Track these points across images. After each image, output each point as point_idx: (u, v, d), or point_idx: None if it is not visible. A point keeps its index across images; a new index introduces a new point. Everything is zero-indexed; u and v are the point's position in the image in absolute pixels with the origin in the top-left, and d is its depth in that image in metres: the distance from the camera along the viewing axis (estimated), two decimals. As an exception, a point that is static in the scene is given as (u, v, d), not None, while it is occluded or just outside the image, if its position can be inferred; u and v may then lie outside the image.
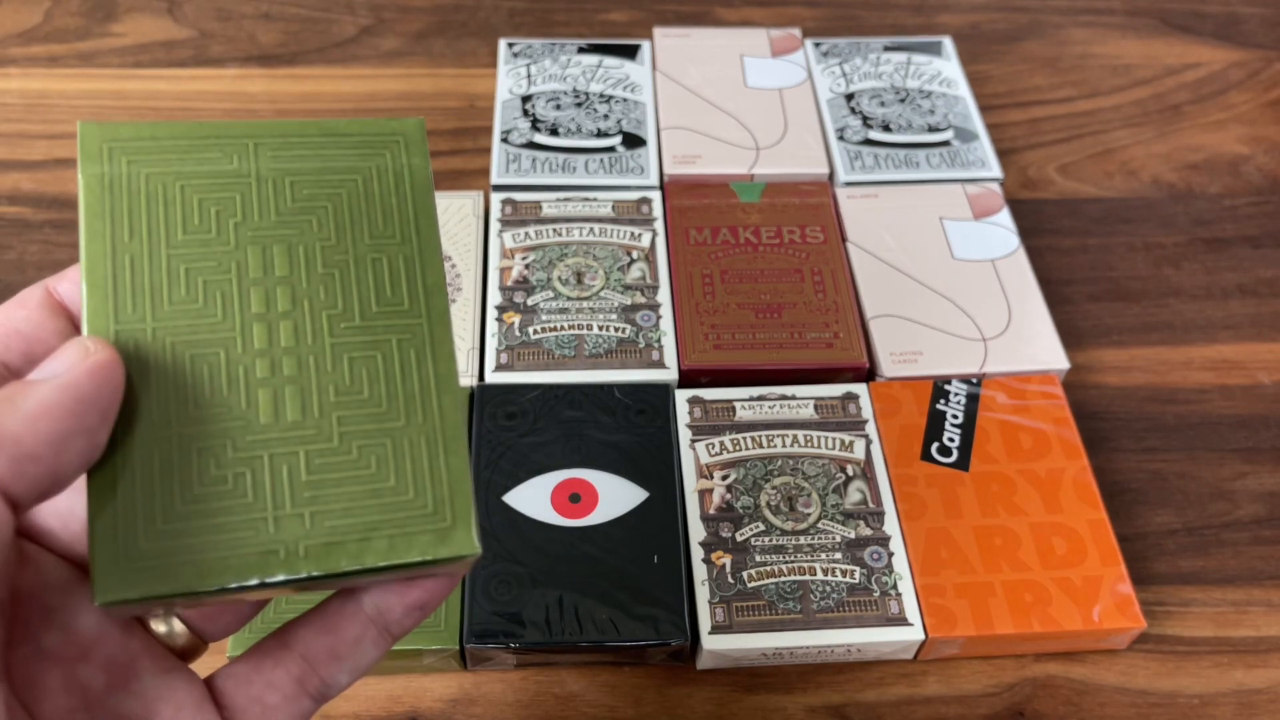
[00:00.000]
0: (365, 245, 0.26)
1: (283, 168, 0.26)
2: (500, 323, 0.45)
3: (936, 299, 0.47)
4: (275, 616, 0.38)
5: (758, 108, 0.54)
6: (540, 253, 0.48)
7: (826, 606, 0.39)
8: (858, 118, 0.54)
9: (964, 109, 0.55)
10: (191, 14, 0.62)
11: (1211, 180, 0.57)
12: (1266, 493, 0.46)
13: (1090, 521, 0.41)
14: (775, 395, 0.44)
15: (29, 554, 0.24)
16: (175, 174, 0.25)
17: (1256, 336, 0.51)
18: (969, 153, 0.53)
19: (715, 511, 0.41)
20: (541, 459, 0.42)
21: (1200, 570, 0.44)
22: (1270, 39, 0.64)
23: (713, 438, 0.43)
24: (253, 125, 0.26)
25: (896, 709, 0.39)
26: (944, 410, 0.44)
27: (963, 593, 0.39)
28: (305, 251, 0.25)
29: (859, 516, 0.41)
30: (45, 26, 0.60)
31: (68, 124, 0.56)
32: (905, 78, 0.56)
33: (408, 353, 0.25)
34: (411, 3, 0.63)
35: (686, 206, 0.50)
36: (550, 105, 0.53)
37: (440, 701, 0.39)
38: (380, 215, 0.26)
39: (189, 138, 0.26)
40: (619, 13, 0.63)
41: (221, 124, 0.26)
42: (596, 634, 0.37)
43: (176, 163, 0.25)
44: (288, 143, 0.26)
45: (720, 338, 0.45)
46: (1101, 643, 0.40)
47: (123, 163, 0.25)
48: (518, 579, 0.39)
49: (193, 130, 0.26)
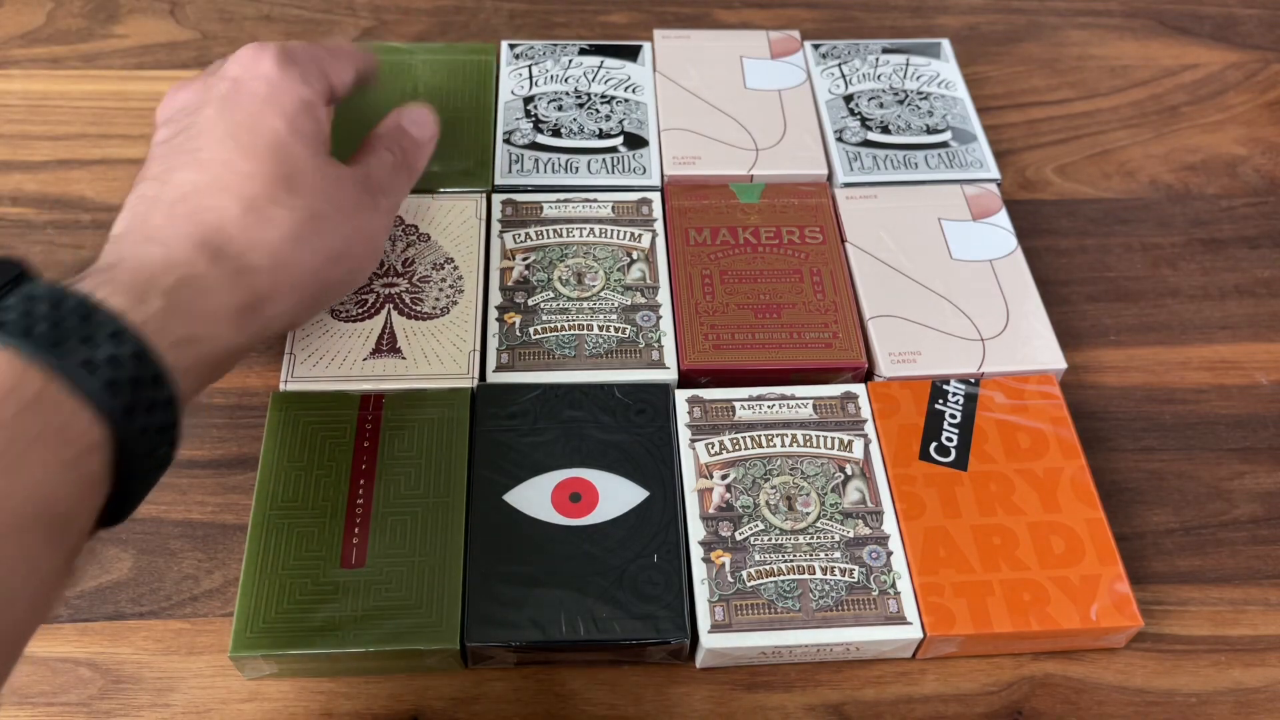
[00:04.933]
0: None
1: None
2: (501, 323, 0.45)
3: (935, 299, 0.47)
4: (289, 608, 0.38)
5: (757, 109, 0.54)
6: (541, 253, 0.48)
7: (825, 605, 0.39)
8: (856, 119, 0.54)
9: (962, 110, 0.55)
10: (193, 15, 0.62)
11: (1209, 181, 0.57)
12: (1264, 492, 0.46)
13: (1088, 521, 0.41)
14: (774, 395, 0.44)
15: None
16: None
17: (1254, 337, 0.51)
18: (967, 154, 0.53)
19: (715, 511, 0.41)
20: (542, 459, 0.42)
21: (1198, 569, 0.44)
22: (1268, 40, 0.64)
23: (712, 437, 0.43)
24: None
25: (895, 707, 0.40)
26: (942, 410, 0.44)
27: (961, 591, 0.40)
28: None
29: (858, 516, 0.41)
30: (47, 28, 0.60)
31: (70, 125, 0.56)
32: (904, 79, 0.56)
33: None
34: (412, 4, 0.63)
35: (686, 207, 0.50)
36: (552, 106, 0.54)
37: (442, 700, 0.39)
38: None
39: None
40: (619, 14, 0.63)
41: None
42: (597, 633, 0.38)
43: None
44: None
45: (720, 338, 0.45)
46: (1099, 641, 0.41)
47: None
48: (518, 578, 0.39)
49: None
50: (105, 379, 0.29)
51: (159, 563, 0.42)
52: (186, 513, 0.43)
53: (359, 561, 0.39)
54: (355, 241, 0.41)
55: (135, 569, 0.42)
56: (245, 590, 0.38)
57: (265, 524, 0.40)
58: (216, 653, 0.40)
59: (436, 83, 0.54)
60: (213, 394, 0.46)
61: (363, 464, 0.41)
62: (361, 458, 0.41)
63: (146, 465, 0.31)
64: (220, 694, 0.39)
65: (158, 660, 0.40)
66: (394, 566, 0.39)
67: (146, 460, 0.31)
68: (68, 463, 0.28)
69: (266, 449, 0.42)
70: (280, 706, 0.39)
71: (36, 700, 0.39)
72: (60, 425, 0.28)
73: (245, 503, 0.41)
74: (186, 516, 0.43)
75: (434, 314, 0.45)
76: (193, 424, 0.45)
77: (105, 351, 0.29)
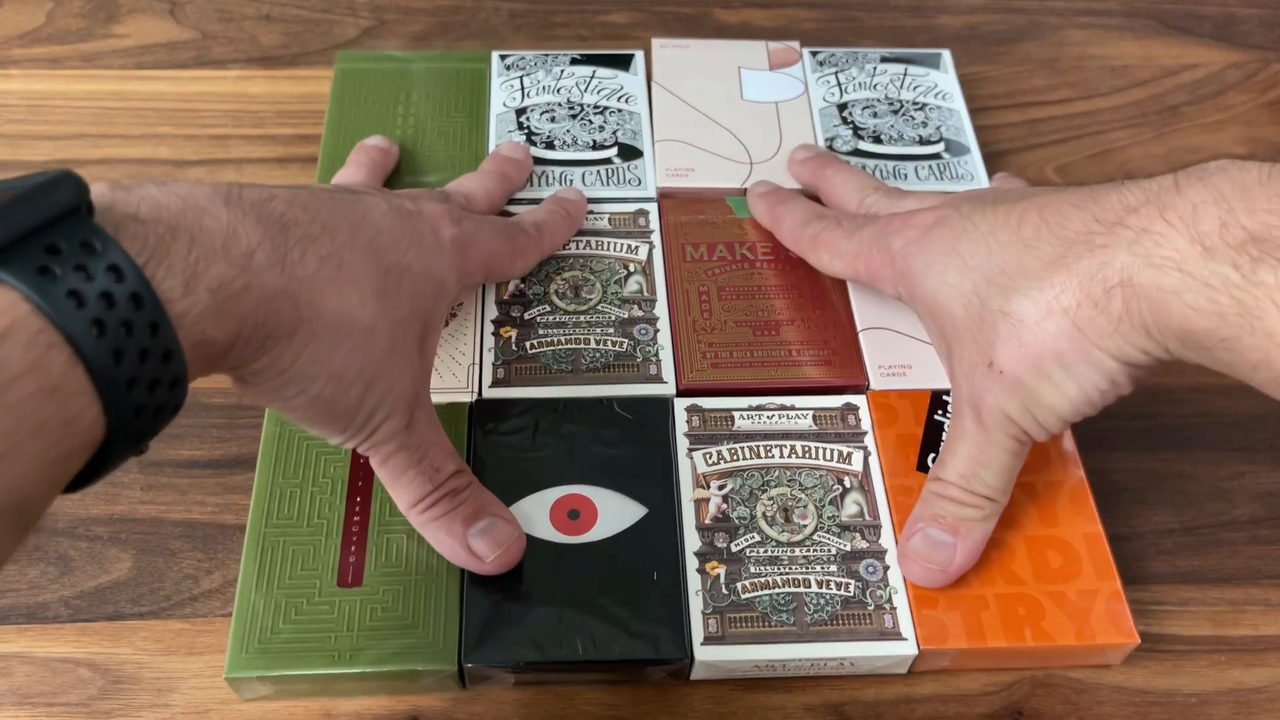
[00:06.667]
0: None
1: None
2: (497, 337, 0.45)
3: None
4: (284, 629, 0.38)
5: (753, 121, 0.53)
6: (537, 266, 0.47)
7: (820, 619, 0.38)
8: (849, 127, 0.53)
9: (957, 122, 0.54)
10: (193, 15, 0.62)
11: (1209, 181, 0.57)
12: (1264, 492, 0.46)
13: (1086, 535, 0.41)
14: (774, 405, 0.43)
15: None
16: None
17: (1254, 337, 0.51)
18: (959, 166, 0.52)
19: (711, 521, 0.40)
20: (540, 475, 0.41)
21: (1198, 569, 0.44)
22: (1268, 40, 0.64)
23: (710, 447, 0.42)
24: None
25: (895, 708, 0.40)
26: (942, 421, 0.43)
27: (955, 604, 0.39)
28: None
29: (855, 529, 0.41)
30: (47, 28, 0.60)
31: (70, 125, 0.56)
32: (900, 89, 0.55)
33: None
34: (412, 4, 0.63)
35: (683, 223, 0.49)
36: (545, 118, 0.53)
37: (441, 700, 0.39)
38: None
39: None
40: (619, 14, 0.63)
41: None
42: (595, 653, 0.37)
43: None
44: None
45: (718, 355, 0.45)
46: (1095, 658, 0.40)
47: None
48: (516, 597, 0.38)
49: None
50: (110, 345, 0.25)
51: (159, 563, 0.42)
52: (186, 513, 0.43)
53: (356, 580, 0.39)
54: (378, 373, 0.34)
55: (135, 569, 0.42)
56: (241, 610, 0.38)
57: (261, 541, 0.39)
58: (216, 653, 0.40)
59: (429, 92, 0.54)
60: (213, 394, 0.46)
61: (359, 480, 0.41)
62: (359, 474, 0.41)
63: (130, 449, 0.28)
64: (220, 694, 0.39)
65: (157, 660, 0.40)
66: (391, 585, 0.39)
67: (133, 445, 0.27)
68: (56, 459, 0.25)
69: (263, 464, 0.41)
70: (280, 706, 0.39)
71: (36, 700, 0.39)
72: (66, 417, 0.25)
73: (245, 503, 0.41)
74: (186, 516, 0.43)
75: None
76: (193, 424, 0.46)
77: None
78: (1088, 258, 0.34)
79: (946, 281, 0.38)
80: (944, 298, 0.38)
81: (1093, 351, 0.34)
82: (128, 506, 0.43)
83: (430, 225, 0.39)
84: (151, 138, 0.56)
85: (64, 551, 0.42)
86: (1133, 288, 0.33)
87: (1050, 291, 0.35)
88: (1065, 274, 0.34)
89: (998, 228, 0.37)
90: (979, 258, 0.37)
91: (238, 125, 0.56)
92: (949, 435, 0.39)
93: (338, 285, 0.32)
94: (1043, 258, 0.35)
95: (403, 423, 0.35)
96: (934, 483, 0.39)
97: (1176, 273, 0.32)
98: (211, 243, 0.28)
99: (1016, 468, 0.38)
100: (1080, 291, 0.34)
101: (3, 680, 0.39)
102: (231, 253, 0.29)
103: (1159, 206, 0.33)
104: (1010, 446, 0.38)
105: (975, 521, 0.38)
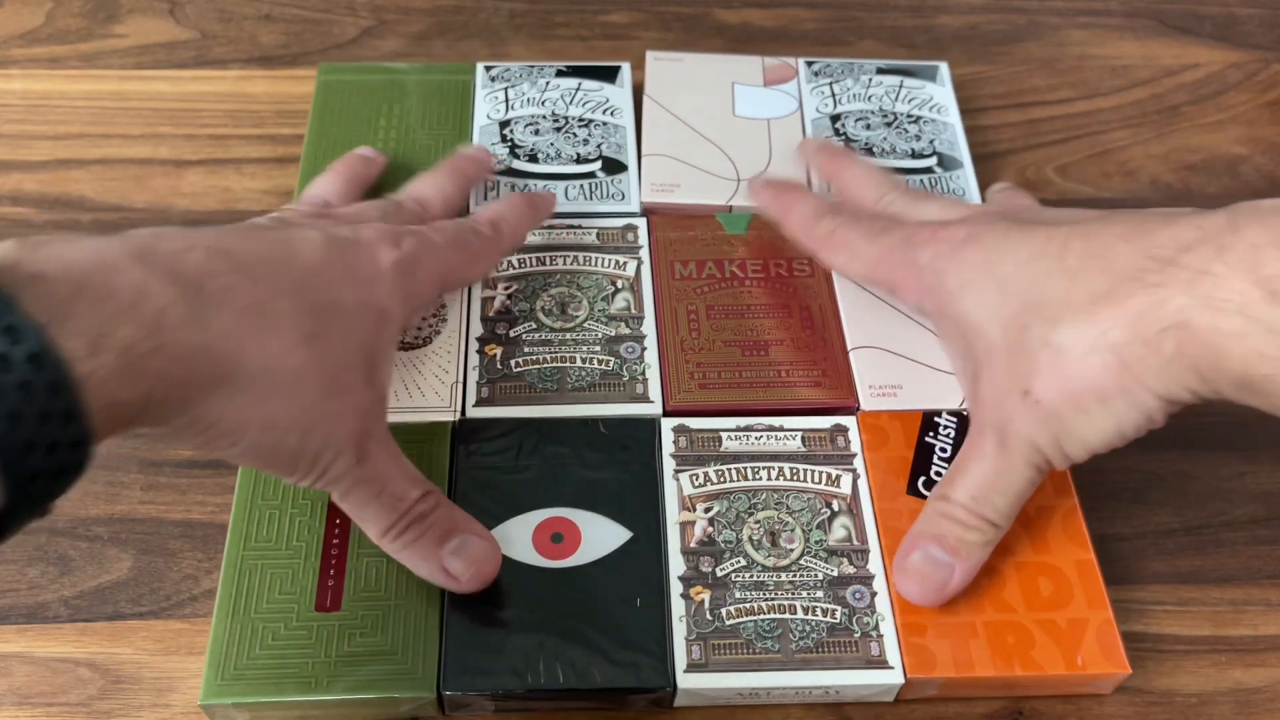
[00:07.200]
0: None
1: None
2: (482, 355, 0.44)
3: (919, 330, 0.46)
4: (260, 655, 0.38)
5: (743, 138, 0.53)
6: (523, 282, 0.47)
7: (806, 646, 0.38)
8: (840, 140, 0.53)
9: (952, 136, 0.54)
10: (193, 15, 0.62)
11: (1209, 181, 0.57)
12: (1264, 492, 0.46)
13: (1078, 563, 0.40)
14: (763, 426, 0.43)
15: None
16: None
17: (1254, 337, 0.51)
18: (950, 180, 0.52)
19: (696, 545, 0.40)
20: (523, 497, 0.41)
21: (1198, 570, 0.44)
22: (1268, 40, 0.64)
23: (696, 469, 0.42)
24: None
25: (895, 708, 0.40)
26: (932, 444, 0.43)
27: (943, 632, 0.38)
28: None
29: (843, 554, 0.40)
30: (47, 28, 0.60)
31: (70, 125, 0.56)
32: (895, 101, 0.55)
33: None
34: (412, 4, 0.63)
35: (672, 239, 0.49)
36: (529, 130, 0.52)
37: (441, 700, 0.39)
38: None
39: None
40: (619, 14, 0.63)
41: None
42: (576, 680, 0.37)
43: None
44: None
45: (706, 376, 0.44)
46: (1086, 688, 0.39)
47: None
48: (497, 623, 0.38)
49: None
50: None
51: (159, 563, 0.42)
52: (186, 513, 0.43)
53: (334, 605, 0.38)
54: (316, 418, 0.33)
55: (135, 569, 0.42)
56: (217, 635, 0.37)
57: (239, 565, 0.39)
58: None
59: (413, 104, 0.54)
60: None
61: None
62: None
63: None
64: (220, 694, 0.39)
65: (158, 660, 0.40)
66: (370, 610, 0.38)
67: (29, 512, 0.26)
68: None
69: (241, 486, 0.41)
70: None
71: (36, 700, 0.39)
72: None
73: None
74: (186, 516, 0.43)
75: (415, 344, 0.45)
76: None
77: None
78: (1141, 295, 0.33)
79: (984, 303, 0.37)
80: (980, 319, 0.38)
81: (1136, 389, 0.34)
82: (128, 506, 0.43)
83: (367, 253, 0.37)
84: (151, 138, 0.56)
85: (64, 551, 0.42)
86: (1189, 329, 0.32)
87: (1099, 326, 0.34)
88: (1115, 310, 0.34)
89: (1039, 254, 0.36)
90: (1020, 283, 0.37)
91: (238, 125, 0.56)
92: (963, 455, 0.39)
93: (259, 336, 0.31)
94: (1090, 290, 0.35)
95: (352, 459, 0.34)
96: (940, 501, 0.39)
97: (1238, 316, 0.31)
98: (120, 302, 0.27)
99: (1027, 495, 0.38)
100: (1131, 329, 0.33)
101: (3, 680, 0.39)
102: (142, 312, 0.28)
103: (1216, 246, 0.32)
104: (1029, 475, 0.37)
105: (976, 545, 0.38)
